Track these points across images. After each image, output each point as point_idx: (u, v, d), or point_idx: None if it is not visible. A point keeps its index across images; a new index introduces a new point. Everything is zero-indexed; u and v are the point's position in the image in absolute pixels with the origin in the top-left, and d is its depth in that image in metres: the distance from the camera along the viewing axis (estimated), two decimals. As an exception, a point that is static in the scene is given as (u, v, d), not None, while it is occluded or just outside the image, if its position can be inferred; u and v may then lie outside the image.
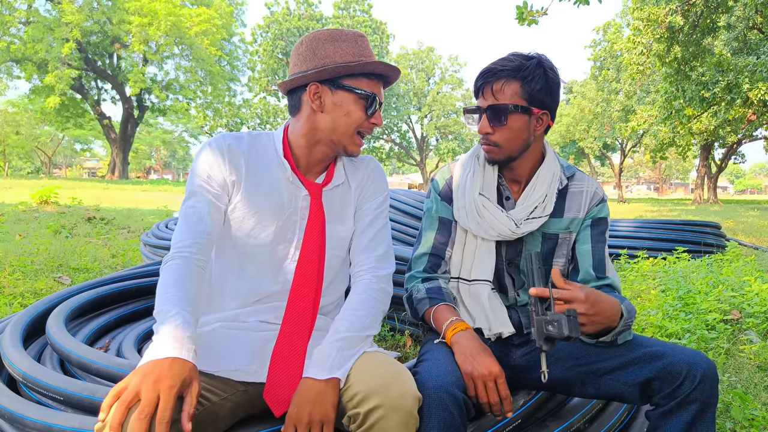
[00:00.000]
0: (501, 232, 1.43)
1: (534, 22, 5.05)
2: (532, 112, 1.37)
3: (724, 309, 3.17)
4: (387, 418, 1.02)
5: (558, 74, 1.40)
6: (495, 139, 1.39)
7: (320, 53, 1.28)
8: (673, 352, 1.22)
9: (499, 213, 1.43)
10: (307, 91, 1.28)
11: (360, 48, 1.29)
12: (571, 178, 1.49)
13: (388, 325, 2.74)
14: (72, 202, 9.95)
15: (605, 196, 1.51)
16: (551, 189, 1.45)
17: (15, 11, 26.56)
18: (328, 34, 1.30)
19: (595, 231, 1.47)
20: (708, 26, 13.93)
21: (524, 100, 1.36)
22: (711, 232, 5.88)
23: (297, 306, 1.28)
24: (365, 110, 1.30)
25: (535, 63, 1.36)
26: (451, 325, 1.32)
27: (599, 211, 1.48)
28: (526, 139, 1.40)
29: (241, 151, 1.31)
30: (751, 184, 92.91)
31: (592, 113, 33.76)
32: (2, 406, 1.29)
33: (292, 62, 1.34)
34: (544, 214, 1.44)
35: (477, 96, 1.43)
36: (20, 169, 53.90)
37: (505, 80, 1.35)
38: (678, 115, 16.76)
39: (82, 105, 33.45)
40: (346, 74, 1.28)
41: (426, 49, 43.46)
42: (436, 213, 1.54)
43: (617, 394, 1.29)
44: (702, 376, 1.16)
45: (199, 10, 29.25)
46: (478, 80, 1.41)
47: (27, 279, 3.95)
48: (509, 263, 1.49)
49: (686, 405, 1.17)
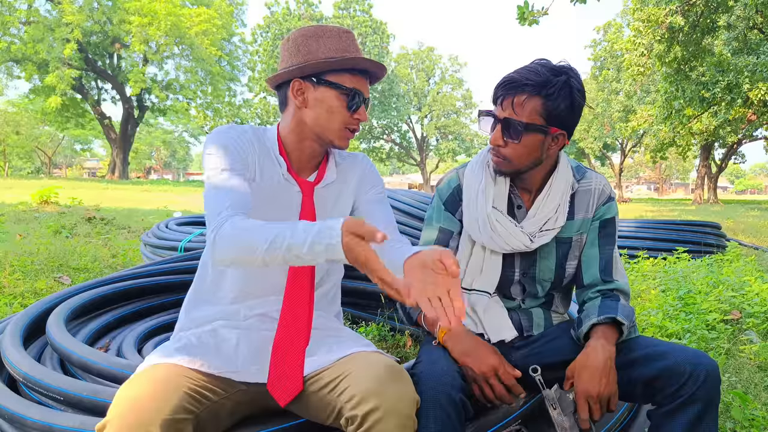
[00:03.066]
0: (514, 246, 1.40)
1: (535, 22, 5.05)
2: (549, 131, 1.30)
3: (725, 309, 3.17)
4: (385, 421, 1.02)
5: (584, 95, 1.33)
6: (505, 152, 1.33)
7: (304, 49, 1.28)
8: (676, 351, 1.22)
9: (513, 228, 1.39)
10: (291, 86, 1.29)
11: (343, 44, 1.30)
12: (581, 179, 1.45)
13: (388, 325, 2.74)
14: (72, 202, 9.94)
15: (613, 193, 1.46)
16: (564, 199, 1.40)
17: (15, 11, 26.55)
18: (313, 31, 1.30)
19: (603, 233, 1.44)
20: (708, 26, 13.94)
21: (543, 119, 1.28)
22: (711, 232, 5.88)
23: (293, 302, 1.28)
24: (347, 106, 1.29)
25: (563, 82, 1.27)
26: (441, 326, 1.33)
27: (607, 211, 1.44)
28: (537, 157, 1.34)
29: (251, 142, 1.32)
30: (752, 184, 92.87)
31: (592, 113, 33.75)
32: (3, 406, 1.29)
33: (280, 58, 1.35)
34: (557, 226, 1.40)
35: (495, 103, 1.35)
36: (20, 169, 53.93)
37: (527, 96, 1.27)
38: (678, 115, 16.76)
39: (82, 105, 33.43)
40: (328, 70, 1.28)
41: (426, 49, 43.45)
42: (436, 222, 1.50)
43: (620, 393, 1.28)
44: (705, 376, 1.16)
45: (199, 10, 29.23)
46: (498, 88, 1.32)
47: (27, 279, 3.95)
48: (524, 274, 1.46)
49: (689, 405, 1.16)
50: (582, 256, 1.45)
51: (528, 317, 1.47)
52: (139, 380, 1.05)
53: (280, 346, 1.23)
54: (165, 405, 0.99)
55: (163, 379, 1.05)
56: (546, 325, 1.47)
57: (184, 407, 1.03)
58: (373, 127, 40.84)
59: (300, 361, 1.20)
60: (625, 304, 1.37)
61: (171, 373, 1.08)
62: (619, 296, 1.39)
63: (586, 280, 1.44)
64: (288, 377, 1.18)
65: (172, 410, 1.00)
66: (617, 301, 1.36)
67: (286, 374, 1.18)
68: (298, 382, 1.18)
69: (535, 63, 1.31)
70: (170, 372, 1.08)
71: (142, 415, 0.97)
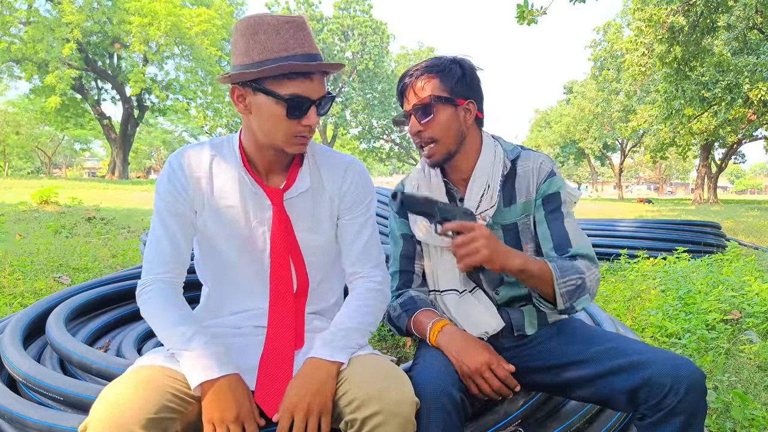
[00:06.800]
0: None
1: (534, 21, 5.06)
2: (456, 103, 1.38)
3: (724, 309, 3.17)
4: (385, 425, 1.02)
5: (473, 65, 1.42)
6: (428, 134, 1.38)
7: (238, 48, 1.16)
8: (658, 361, 1.18)
9: None
10: (231, 92, 1.20)
11: (281, 39, 1.13)
12: (517, 159, 1.44)
13: (388, 326, 2.74)
14: (72, 202, 9.94)
15: (554, 167, 1.44)
16: (493, 177, 1.41)
17: (15, 11, 26.52)
18: (247, 25, 1.15)
19: (548, 208, 1.41)
20: (708, 26, 13.93)
21: (446, 93, 1.37)
22: (711, 232, 5.88)
23: (277, 313, 1.27)
24: (288, 115, 1.15)
25: (449, 59, 1.40)
26: (430, 328, 1.34)
27: (549, 187, 1.41)
28: (458, 130, 1.39)
29: (203, 165, 1.26)
30: (752, 184, 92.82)
31: (593, 113, 33.77)
32: (2, 406, 1.29)
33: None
34: (491, 206, 1.40)
35: (402, 103, 1.43)
36: (20, 169, 53.90)
37: (425, 78, 1.38)
38: (678, 114, 16.75)
39: (82, 105, 33.41)
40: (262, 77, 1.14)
41: (426, 50, 43.43)
42: (398, 231, 1.54)
43: (607, 401, 1.27)
44: (687, 389, 1.12)
45: (199, 10, 29.21)
46: (398, 86, 1.43)
47: (27, 279, 3.95)
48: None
49: (671, 417, 1.13)
50: (537, 237, 1.44)
51: (519, 315, 1.45)
52: (122, 381, 1.05)
53: (266, 360, 1.21)
54: (147, 404, 0.99)
55: (146, 380, 1.05)
56: (540, 323, 1.46)
57: (168, 407, 1.03)
58: (373, 127, 40.85)
59: (288, 375, 1.19)
60: (575, 265, 1.30)
61: (156, 374, 1.08)
62: (576, 257, 1.34)
63: (546, 258, 1.42)
64: (276, 393, 1.16)
65: (155, 410, 0.99)
66: (569, 261, 1.32)
67: (274, 390, 1.17)
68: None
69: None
70: (155, 373, 1.08)
71: (124, 415, 0.97)
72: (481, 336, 1.39)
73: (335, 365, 1.13)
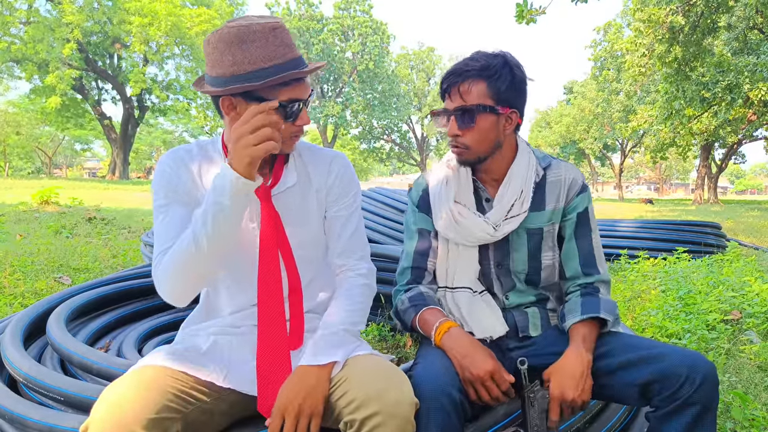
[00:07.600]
0: (479, 237, 1.42)
1: (532, 21, 5.05)
2: (499, 111, 1.35)
3: (725, 309, 3.17)
4: (384, 425, 1.02)
5: (524, 71, 1.38)
6: (464, 141, 1.37)
7: (227, 59, 1.15)
8: (672, 354, 1.21)
9: (474, 218, 1.41)
10: (221, 102, 1.20)
11: (271, 47, 1.15)
12: (548, 168, 1.46)
13: (388, 326, 2.74)
14: (72, 202, 9.95)
15: (585, 182, 1.47)
16: (527, 183, 1.42)
17: (15, 11, 26.53)
18: (234, 35, 1.14)
19: (580, 225, 1.45)
20: (708, 26, 13.93)
21: (491, 100, 1.34)
22: (711, 232, 5.88)
23: (268, 309, 1.26)
24: (285, 118, 1.19)
25: (501, 61, 1.34)
26: (437, 328, 1.33)
27: (581, 203, 1.44)
28: (495, 139, 1.38)
29: (192, 164, 1.28)
30: (752, 184, 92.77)
31: (593, 113, 33.76)
32: (3, 406, 1.29)
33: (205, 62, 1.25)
34: (522, 211, 1.41)
35: (444, 98, 1.40)
36: (21, 169, 53.89)
37: (472, 80, 1.33)
38: (678, 115, 16.74)
39: (82, 105, 33.41)
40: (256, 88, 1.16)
41: (426, 50, 43.45)
42: (414, 225, 1.53)
43: (616, 395, 1.28)
44: (702, 379, 1.15)
45: (199, 11, 29.20)
46: (443, 82, 1.38)
47: (27, 279, 3.95)
48: (498, 265, 1.47)
49: (686, 407, 1.16)
50: (562, 251, 1.47)
51: (523, 317, 1.46)
52: (123, 381, 1.06)
53: (262, 363, 1.21)
54: (149, 404, 1.00)
55: (148, 380, 1.06)
56: (543, 326, 1.46)
57: (169, 407, 1.03)
58: (373, 127, 40.85)
59: (287, 376, 1.18)
60: (607, 298, 1.39)
61: (157, 374, 1.08)
62: (599, 288, 1.41)
63: (568, 273, 1.46)
64: (274, 396, 1.16)
65: (156, 410, 1.00)
66: (598, 297, 1.38)
67: (273, 392, 1.17)
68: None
69: (472, 54, 1.38)
70: (156, 373, 1.08)
71: (125, 415, 0.97)
72: (485, 338, 1.39)
73: (326, 368, 1.14)
